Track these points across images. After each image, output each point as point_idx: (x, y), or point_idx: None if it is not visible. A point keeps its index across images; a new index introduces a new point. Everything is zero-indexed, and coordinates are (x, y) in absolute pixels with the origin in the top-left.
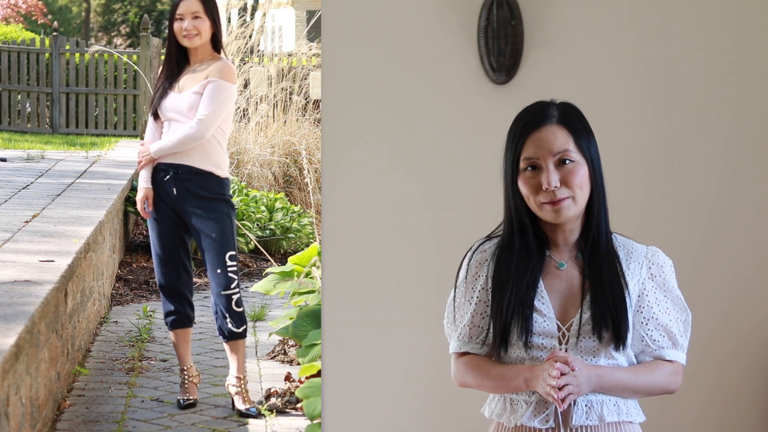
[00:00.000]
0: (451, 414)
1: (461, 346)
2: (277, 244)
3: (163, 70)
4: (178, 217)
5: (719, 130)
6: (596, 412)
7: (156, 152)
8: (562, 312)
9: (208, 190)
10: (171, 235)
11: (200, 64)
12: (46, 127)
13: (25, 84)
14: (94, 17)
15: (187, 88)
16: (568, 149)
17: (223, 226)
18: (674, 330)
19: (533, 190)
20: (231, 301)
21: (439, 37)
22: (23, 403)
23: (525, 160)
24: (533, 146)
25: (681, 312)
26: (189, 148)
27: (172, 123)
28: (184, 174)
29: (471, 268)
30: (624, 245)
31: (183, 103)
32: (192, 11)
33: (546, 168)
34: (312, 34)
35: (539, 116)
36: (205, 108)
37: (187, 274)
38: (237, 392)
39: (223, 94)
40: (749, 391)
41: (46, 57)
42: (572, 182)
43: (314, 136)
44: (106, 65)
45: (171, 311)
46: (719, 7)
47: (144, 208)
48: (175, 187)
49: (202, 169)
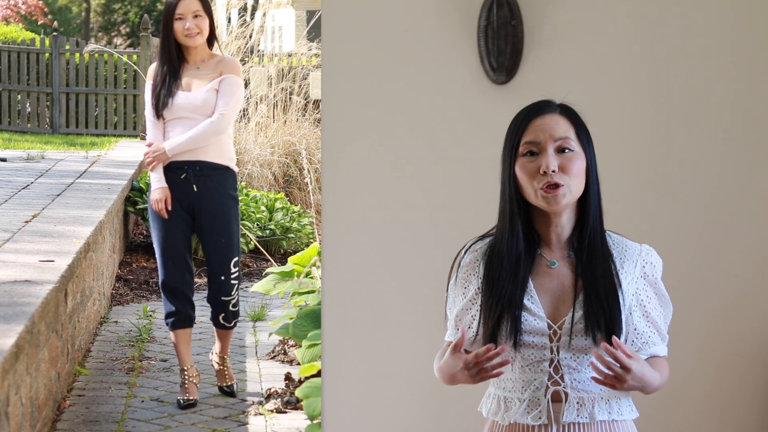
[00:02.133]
0: (450, 414)
1: (448, 336)
2: (277, 244)
3: (162, 70)
4: (190, 216)
5: (719, 130)
6: (587, 410)
7: (172, 149)
8: (553, 311)
9: (225, 186)
10: (180, 235)
11: (203, 63)
12: (46, 127)
13: (25, 84)
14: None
15: (197, 87)
16: (569, 137)
17: (231, 232)
18: (662, 326)
19: (531, 175)
20: (229, 304)
21: (439, 37)
22: (23, 403)
23: (525, 144)
24: (535, 131)
25: (665, 308)
26: (206, 144)
27: (181, 121)
28: (204, 170)
29: (462, 267)
30: (618, 244)
31: (196, 101)
32: (193, 10)
33: (546, 151)
34: (312, 34)
35: (542, 105)
36: (225, 103)
37: (190, 275)
38: (219, 369)
39: (238, 90)
40: (749, 391)
41: (46, 57)
42: (570, 170)
43: (314, 136)
44: (106, 65)
45: (172, 311)
46: (719, 7)
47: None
48: (195, 184)
49: (219, 163)
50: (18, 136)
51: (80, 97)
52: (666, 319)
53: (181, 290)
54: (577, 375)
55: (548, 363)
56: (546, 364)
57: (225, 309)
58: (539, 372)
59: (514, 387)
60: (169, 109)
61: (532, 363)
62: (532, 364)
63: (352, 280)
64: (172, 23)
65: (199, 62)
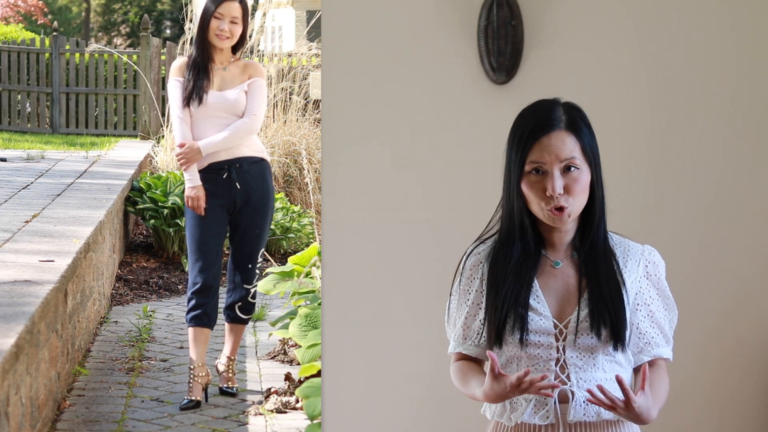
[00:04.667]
0: (450, 414)
1: (456, 347)
2: (277, 244)
3: (194, 67)
4: (229, 214)
5: (719, 130)
6: (594, 408)
7: (206, 148)
8: (558, 310)
9: (265, 177)
10: (220, 235)
11: (229, 63)
12: (46, 127)
13: (25, 84)
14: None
15: (229, 87)
16: (575, 156)
17: (266, 223)
18: (666, 328)
19: (537, 193)
20: (249, 293)
21: (439, 37)
22: (23, 403)
23: (531, 163)
24: (541, 151)
25: (670, 311)
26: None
27: (211, 120)
28: (244, 166)
29: (466, 270)
30: (620, 244)
31: (228, 101)
32: (232, 15)
33: (552, 174)
34: (312, 34)
35: (547, 120)
36: (257, 105)
37: (219, 274)
38: (224, 371)
39: (265, 92)
40: (749, 391)
41: (46, 57)
42: (575, 190)
43: (314, 136)
44: (106, 65)
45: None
46: (719, 7)
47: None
48: (238, 181)
49: (256, 156)
50: (18, 136)
51: (80, 97)
52: (671, 323)
53: (213, 288)
54: (584, 374)
55: (554, 362)
56: (552, 363)
57: (245, 298)
58: (546, 371)
59: None
60: (202, 107)
61: (538, 363)
62: (539, 363)
63: (352, 280)
64: (210, 20)
65: (226, 63)
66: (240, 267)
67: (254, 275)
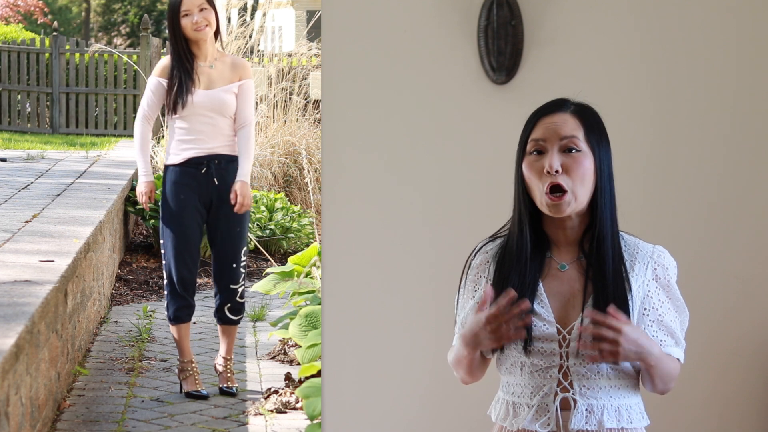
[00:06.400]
0: (451, 414)
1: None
2: (277, 244)
3: (174, 72)
4: (206, 210)
5: (720, 130)
6: (596, 417)
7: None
8: (562, 315)
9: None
10: (197, 229)
11: (215, 60)
12: (46, 127)
13: (25, 84)
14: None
15: (216, 86)
16: (576, 137)
17: (245, 220)
18: (676, 330)
19: (536, 174)
20: (236, 294)
21: (439, 37)
22: (23, 403)
23: (532, 141)
24: (542, 128)
25: (681, 313)
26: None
27: (197, 118)
28: (222, 163)
29: (473, 268)
30: (630, 245)
31: (215, 100)
32: (198, 4)
33: (551, 151)
34: (312, 34)
35: (555, 104)
36: (252, 110)
37: (197, 269)
38: (222, 371)
39: (254, 91)
40: (749, 391)
41: (46, 57)
42: (574, 172)
43: (314, 136)
44: (106, 65)
45: (181, 305)
46: (720, 6)
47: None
48: (216, 177)
49: (234, 155)
50: (18, 136)
51: (80, 97)
52: (682, 325)
53: (192, 283)
54: (587, 382)
55: (557, 369)
56: (555, 370)
57: (232, 299)
58: (548, 378)
59: (523, 392)
60: (188, 107)
61: (540, 369)
62: (541, 370)
63: (352, 280)
64: (179, 21)
65: (211, 59)
66: (224, 268)
67: (240, 275)
